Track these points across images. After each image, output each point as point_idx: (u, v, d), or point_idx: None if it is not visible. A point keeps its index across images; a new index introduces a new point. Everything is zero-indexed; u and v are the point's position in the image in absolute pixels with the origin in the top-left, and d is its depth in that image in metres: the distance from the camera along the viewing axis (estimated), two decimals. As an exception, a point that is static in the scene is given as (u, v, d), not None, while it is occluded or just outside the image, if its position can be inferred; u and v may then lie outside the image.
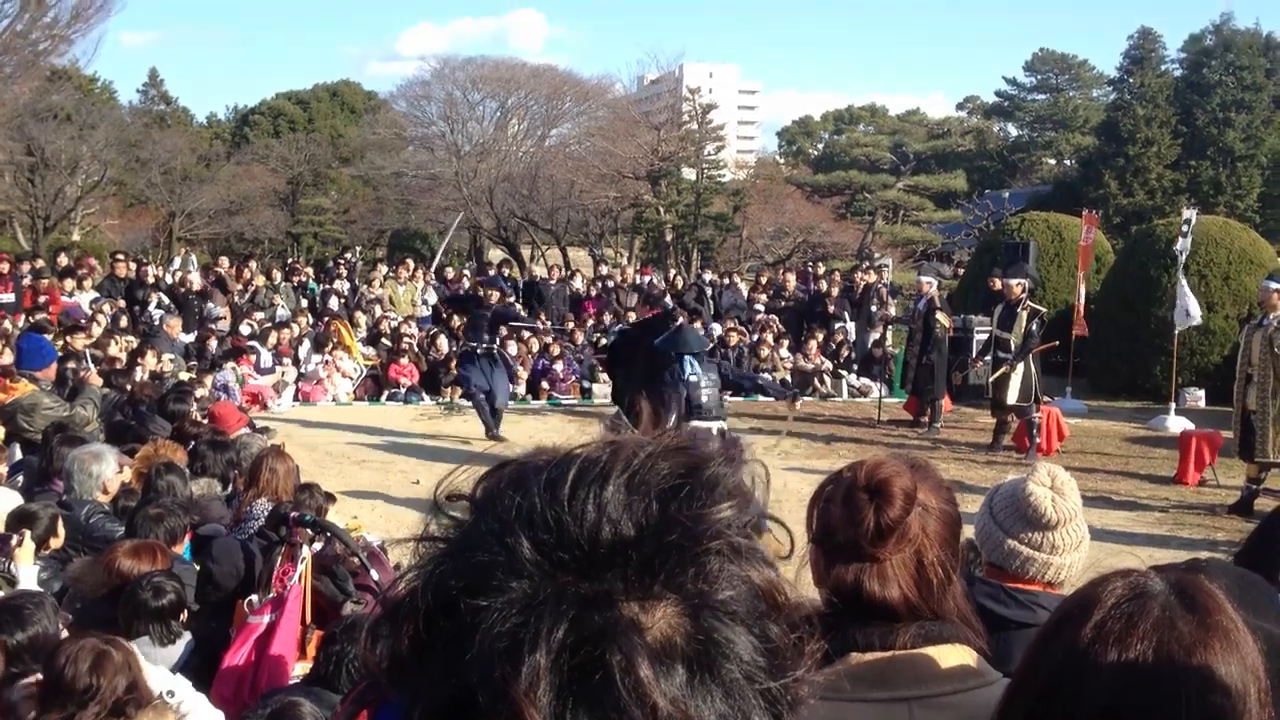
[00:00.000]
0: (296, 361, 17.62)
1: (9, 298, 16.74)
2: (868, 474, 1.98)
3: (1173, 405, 16.15)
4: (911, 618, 1.93)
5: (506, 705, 0.76)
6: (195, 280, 19.55)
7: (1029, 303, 14.25)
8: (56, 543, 5.62)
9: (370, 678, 0.91)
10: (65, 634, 4.12)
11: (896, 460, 2.04)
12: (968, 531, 2.53)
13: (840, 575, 1.95)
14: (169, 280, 19.84)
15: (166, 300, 18.19)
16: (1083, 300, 17.78)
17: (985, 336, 14.74)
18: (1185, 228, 15.69)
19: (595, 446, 0.89)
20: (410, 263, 23.48)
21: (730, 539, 0.84)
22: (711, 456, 0.89)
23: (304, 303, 20.39)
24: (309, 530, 4.89)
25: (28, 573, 5.14)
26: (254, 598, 4.83)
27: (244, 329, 17.71)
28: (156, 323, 16.78)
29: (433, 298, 21.40)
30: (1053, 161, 58.74)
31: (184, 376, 13.96)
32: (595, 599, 0.79)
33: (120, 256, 19.89)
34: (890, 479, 1.95)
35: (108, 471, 6.71)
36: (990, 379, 14.17)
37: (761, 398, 18.28)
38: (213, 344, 16.73)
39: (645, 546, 0.81)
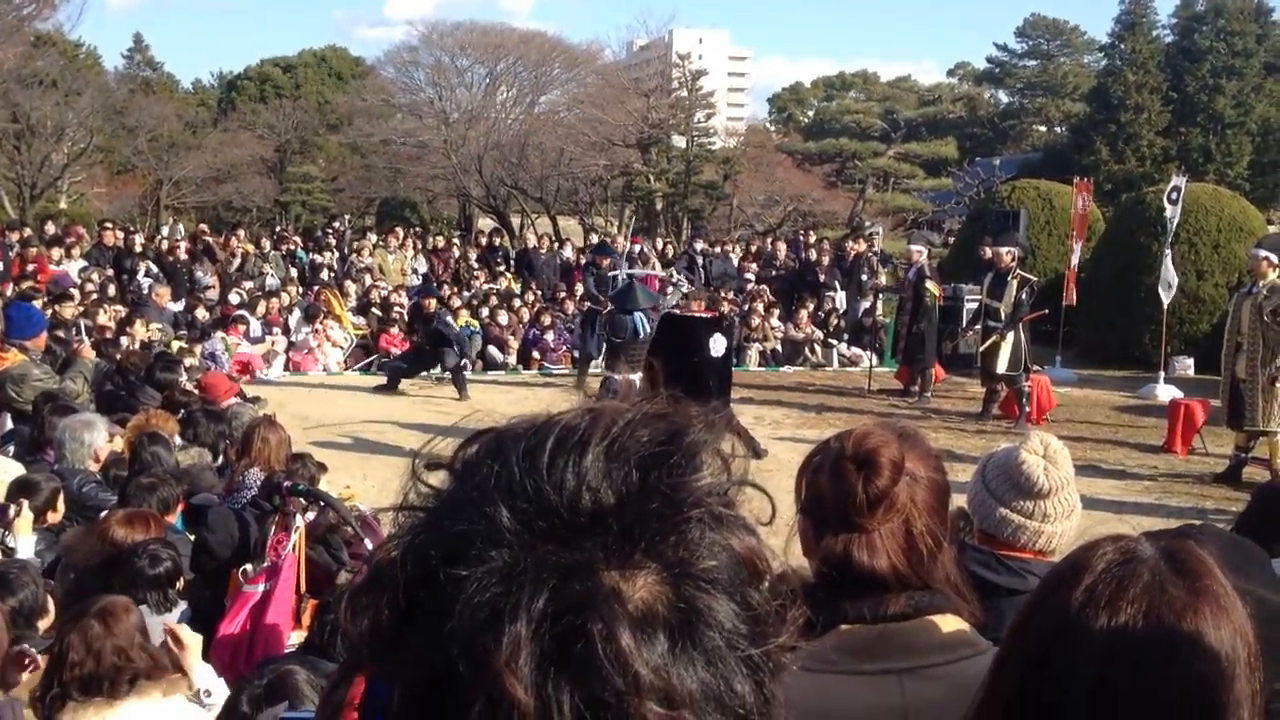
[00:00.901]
0: (286, 330, 17.57)
1: (-3, 266, 16.65)
2: (855, 443, 1.97)
3: (1162, 374, 16.21)
4: (901, 588, 1.93)
5: (487, 676, 0.75)
6: (183, 249, 19.46)
7: (1019, 271, 14.24)
8: (55, 517, 5.62)
9: (351, 649, 0.90)
10: (51, 603, 4.13)
11: (884, 429, 2.03)
12: (959, 500, 2.54)
13: (829, 546, 1.94)
14: (159, 248, 19.76)
15: (155, 269, 18.12)
16: (1074, 268, 17.79)
17: (975, 305, 14.76)
18: (1174, 195, 15.70)
19: (574, 414, 0.88)
20: (400, 231, 23.40)
21: (711, 507, 0.84)
22: (692, 423, 0.88)
23: (293, 271, 20.31)
24: (302, 499, 4.89)
25: (26, 544, 5.15)
26: (248, 567, 4.84)
27: (233, 298, 17.66)
28: (145, 291, 16.72)
29: (423, 265, 21.35)
30: (1043, 128, 58.73)
31: (174, 345, 13.93)
32: (575, 568, 0.78)
33: (108, 224, 19.79)
34: (878, 448, 1.94)
35: (99, 440, 6.70)
36: (980, 348, 14.19)
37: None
38: (201, 313, 16.66)
39: (626, 515, 0.81)
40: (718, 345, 11.44)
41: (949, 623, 1.94)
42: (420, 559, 0.82)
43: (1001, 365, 13.83)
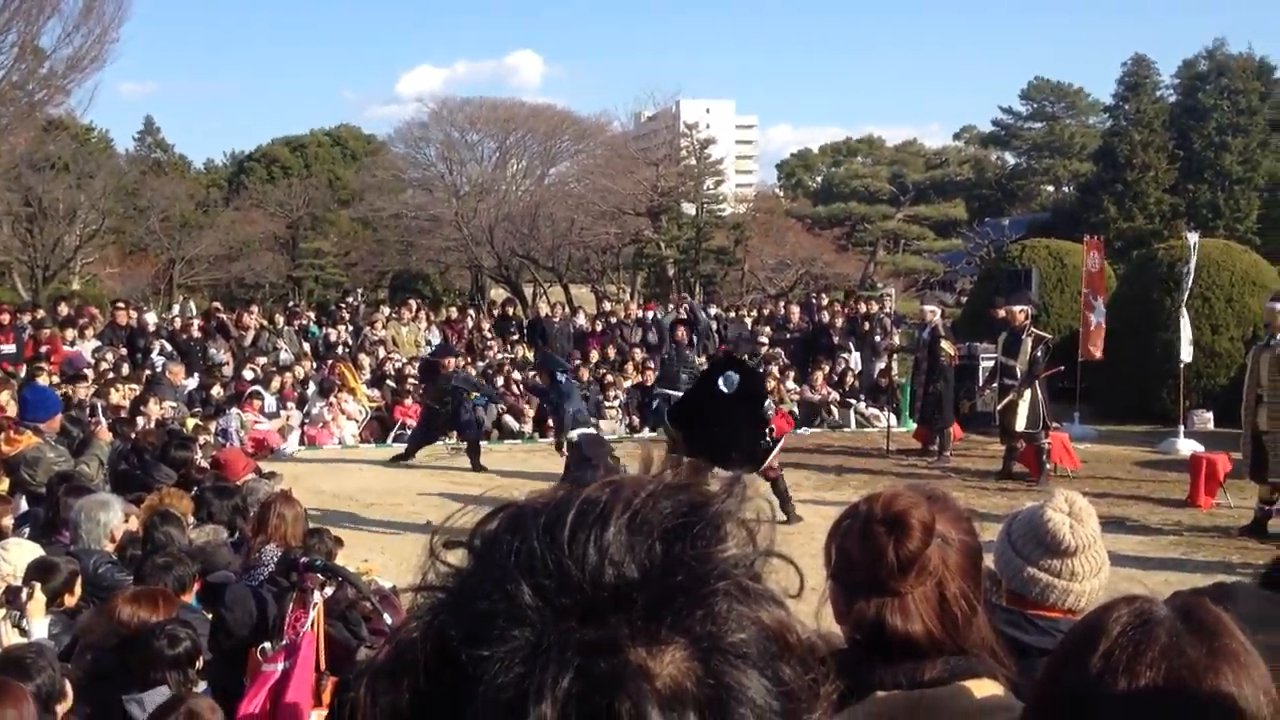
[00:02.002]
0: (301, 405, 17.60)
1: (10, 348, 16.73)
2: (884, 506, 1.95)
3: (1181, 428, 16.12)
4: (936, 652, 1.90)
5: None
6: (196, 326, 19.57)
7: (1033, 329, 14.24)
8: (72, 599, 5.56)
9: None
10: (69, 687, 4.07)
11: (913, 491, 2.02)
12: (987, 560, 2.50)
13: (861, 611, 1.92)
14: (172, 326, 19.87)
15: (168, 347, 18.20)
16: (1099, 324, 17.66)
17: (991, 364, 14.73)
18: (1191, 251, 15.78)
19: (595, 486, 0.86)
20: (413, 303, 23.51)
21: (738, 579, 0.82)
22: (715, 493, 0.86)
23: (306, 346, 20.39)
24: (320, 575, 4.83)
25: (39, 626, 5.09)
26: (267, 645, 4.77)
27: (247, 374, 17.70)
28: (159, 369, 16.77)
29: (436, 337, 21.41)
30: (1051, 188, 59.05)
31: (190, 423, 13.93)
32: (601, 645, 0.76)
33: (121, 304, 19.91)
34: (907, 510, 1.92)
35: (114, 520, 6.66)
36: (998, 406, 14.14)
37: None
38: (216, 389, 16.70)
39: (650, 589, 0.79)
40: (729, 381, 11.31)
41: (985, 687, 1.91)
42: (441, 640, 0.80)
43: (1020, 423, 13.78)
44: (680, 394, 13.62)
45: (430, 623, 0.82)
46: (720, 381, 11.26)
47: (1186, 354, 15.58)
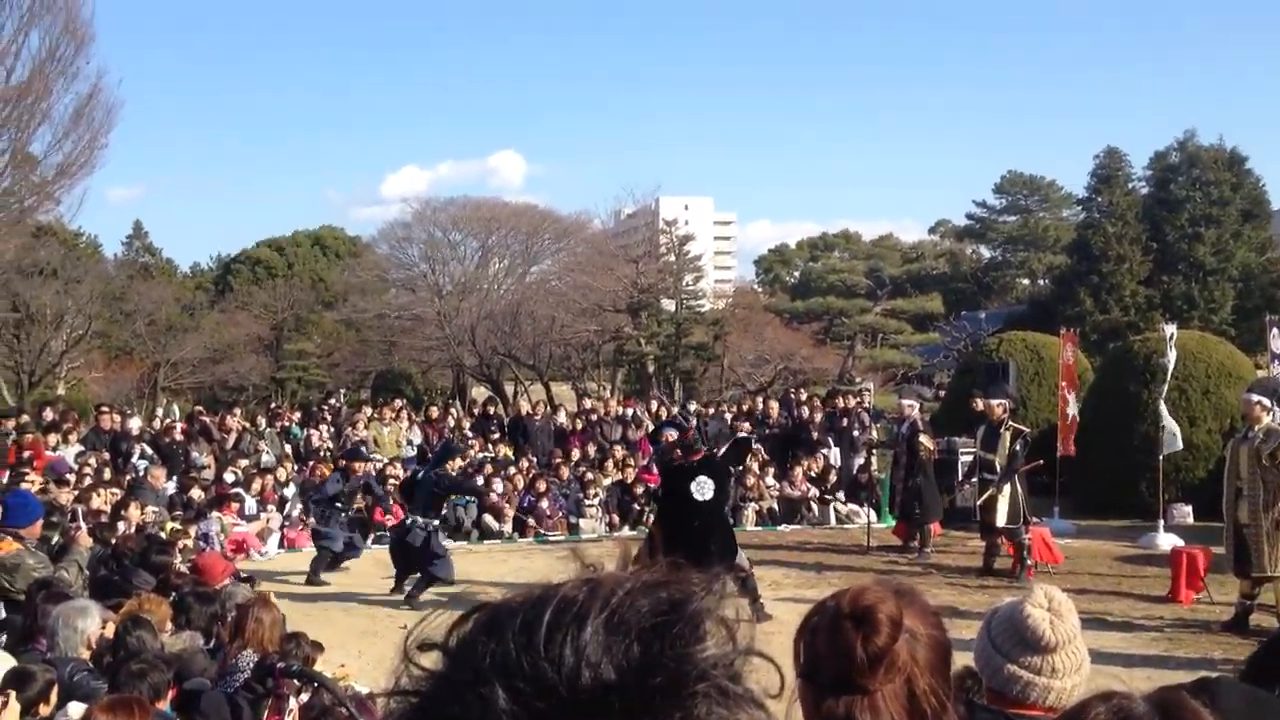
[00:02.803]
0: (281, 507, 17.50)
1: (-8, 454, 16.65)
2: (851, 601, 1.95)
3: (1161, 522, 16.11)
4: None
5: None
6: (179, 430, 19.52)
7: (1011, 423, 14.30)
8: (47, 709, 5.51)
9: None
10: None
11: (880, 586, 2.01)
12: (964, 658, 2.51)
13: (831, 710, 1.90)
14: (155, 430, 19.82)
15: (150, 451, 18.13)
16: (1074, 418, 17.80)
17: (970, 458, 14.77)
18: (1170, 343, 15.92)
19: (572, 585, 0.83)
20: (395, 403, 23.49)
21: (717, 680, 0.79)
22: (694, 591, 0.83)
23: (288, 448, 20.33)
24: (296, 681, 4.82)
25: (12, 736, 5.05)
26: (242, 754, 4.75)
27: (228, 476, 17.61)
28: (141, 473, 16.70)
29: (417, 437, 21.37)
30: (1026, 281, 59.57)
31: (170, 527, 13.85)
32: None
33: (105, 409, 19.86)
34: (874, 605, 1.92)
35: (92, 627, 6.62)
36: (978, 501, 14.15)
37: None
38: (197, 493, 16.61)
39: (628, 691, 0.76)
40: (702, 489, 11.35)
41: None
42: None
43: (1000, 518, 13.76)
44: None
45: None
46: (694, 489, 11.34)
47: (1173, 444, 15.59)
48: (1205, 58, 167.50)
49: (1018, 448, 13.91)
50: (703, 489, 11.36)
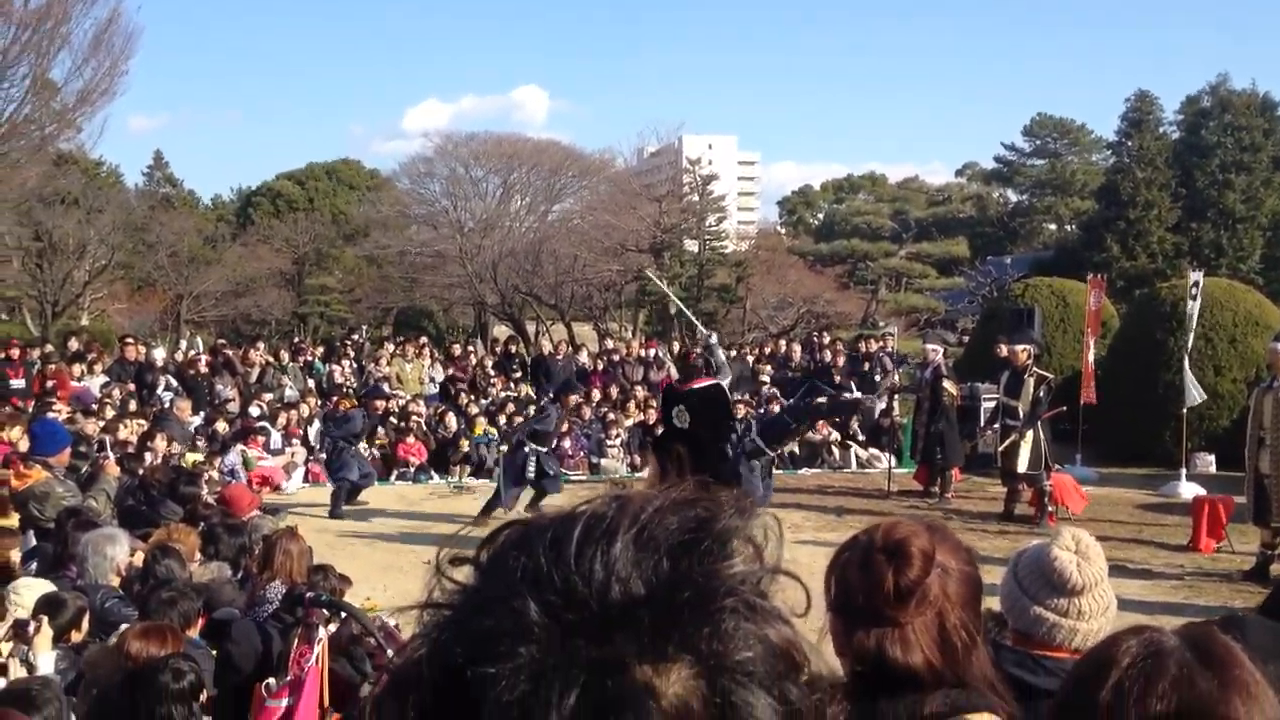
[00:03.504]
0: (306, 442, 17.61)
1: (20, 383, 16.79)
2: (884, 535, 1.96)
3: (1183, 470, 16.07)
4: (936, 684, 1.89)
5: None
6: (203, 362, 19.62)
7: (1035, 369, 14.23)
8: (78, 635, 5.59)
9: None
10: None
11: (913, 521, 2.03)
12: (991, 599, 2.50)
13: (861, 642, 1.91)
14: (179, 362, 19.95)
15: (175, 383, 18.24)
16: (1091, 366, 17.75)
17: (993, 404, 14.72)
18: (1194, 290, 15.75)
19: (601, 502, 0.85)
20: (418, 340, 23.54)
21: (745, 596, 0.81)
22: (723, 509, 0.85)
23: (311, 383, 20.42)
24: (325, 611, 4.87)
25: (46, 660, 5.12)
26: (271, 681, 4.80)
27: (253, 410, 17.73)
28: (166, 405, 16.82)
29: (440, 374, 21.43)
30: (1053, 227, 59.15)
31: (194, 458, 13.97)
32: (607, 663, 0.75)
33: (129, 340, 19.97)
34: (907, 539, 1.93)
35: (121, 554, 6.70)
36: (1000, 448, 14.12)
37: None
38: (222, 426, 16.72)
39: (657, 606, 0.78)
40: (680, 417, 11.50)
41: None
42: (445, 657, 0.80)
43: (1022, 464, 13.75)
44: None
45: (436, 640, 0.82)
46: (674, 417, 11.47)
47: (1193, 398, 15.51)
48: (1240, 2, 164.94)
49: (1041, 394, 13.85)
50: (680, 417, 11.48)
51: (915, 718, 1.87)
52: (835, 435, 19.53)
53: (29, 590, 5.85)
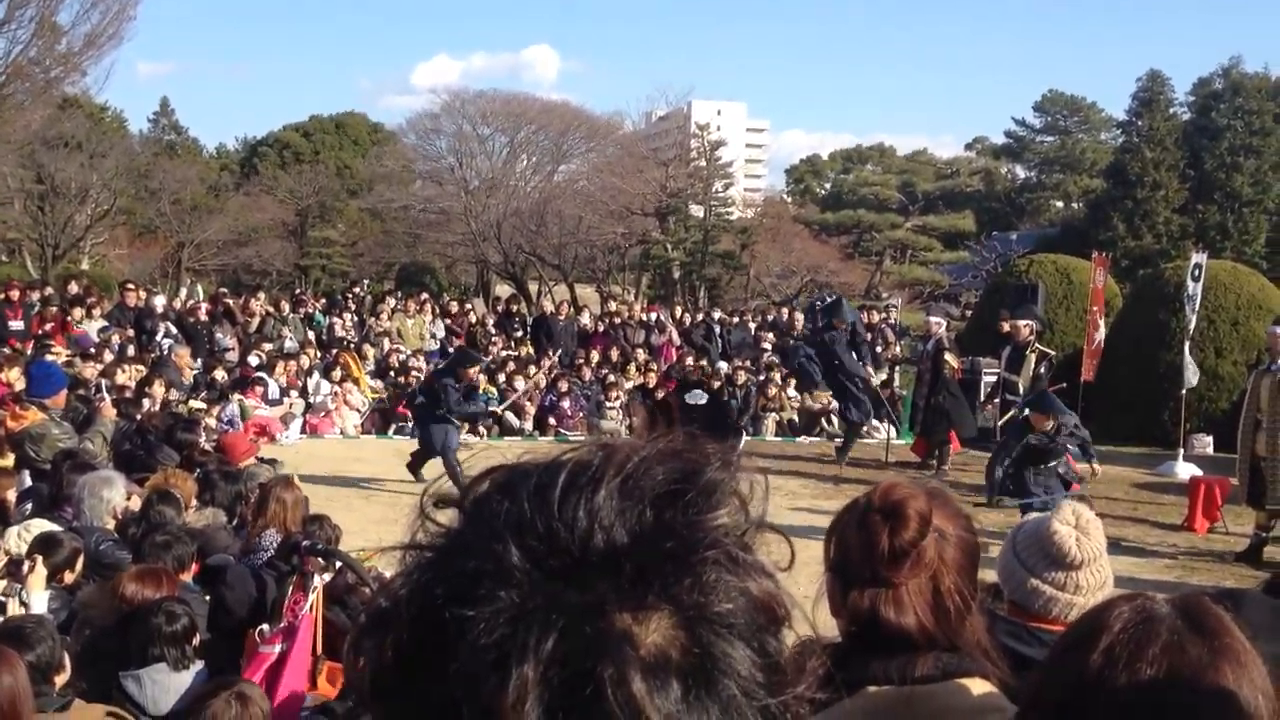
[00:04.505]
0: (304, 393, 17.62)
1: (19, 325, 16.79)
2: (881, 496, 1.95)
3: (1181, 451, 16.08)
4: (929, 647, 1.89)
5: (493, 719, 0.73)
6: (203, 310, 19.60)
7: (1037, 345, 14.22)
8: (71, 576, 5.60)
9: (355, 693, 0.87)
10: (68, 660, 4.10)
11: (912, 483, 2.02)
12: (988, 572, 2.49)
13: (856, 602, 1.91)
14: (179, 309, 19.93)
15: (175, 330, 18.23)
16: (1100, 344, 17.66)
17: (994, 379, 14.71)
18: (1196, 271, 15.71)
19: (587, 450, 0.85)
20: (421, 296, 23.54)
21: (728, 548, 0.80)
22: (709, 461, 0.84)
23: (311, 335, 20.41)
24: (320, 560, 4.87)
25: (39, 599, 5.13)
26: (265, 627, 4.81)
27: (252, 360, 17.72)
28: (165, 352, 16.81)
29: (440, 330, 21.43)
30: (1060, 204, 59.00)
31: (192, 406, 13.97)
32: (586, 609, 0.75)
33: (130, 285, 19.94)
34: (904, 500, 1.92)
35: (117, 497, 6.70)
36: (999, 422, 14.12)
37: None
38: (220, 374, 16.72)
39: (639, 555, 0.78)
40: (695, 396, 11.68)
41: (978, 686, 1.90)
42: (425, 598, 0.80)
43: (1020, 439, 13.74)
44: None
45: (416, 580, 0.81)
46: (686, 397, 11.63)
47: (1189, 380, 15.50)
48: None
49: (1042, 370, 13.86)
50: (695, 397, 11.69)
51: (906, 679, 1.87)
52: (834, 405, 19.53)
53: (31, 530, 5.86)
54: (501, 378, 18.56)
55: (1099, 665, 1.40)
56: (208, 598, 5.52)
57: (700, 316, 24.98)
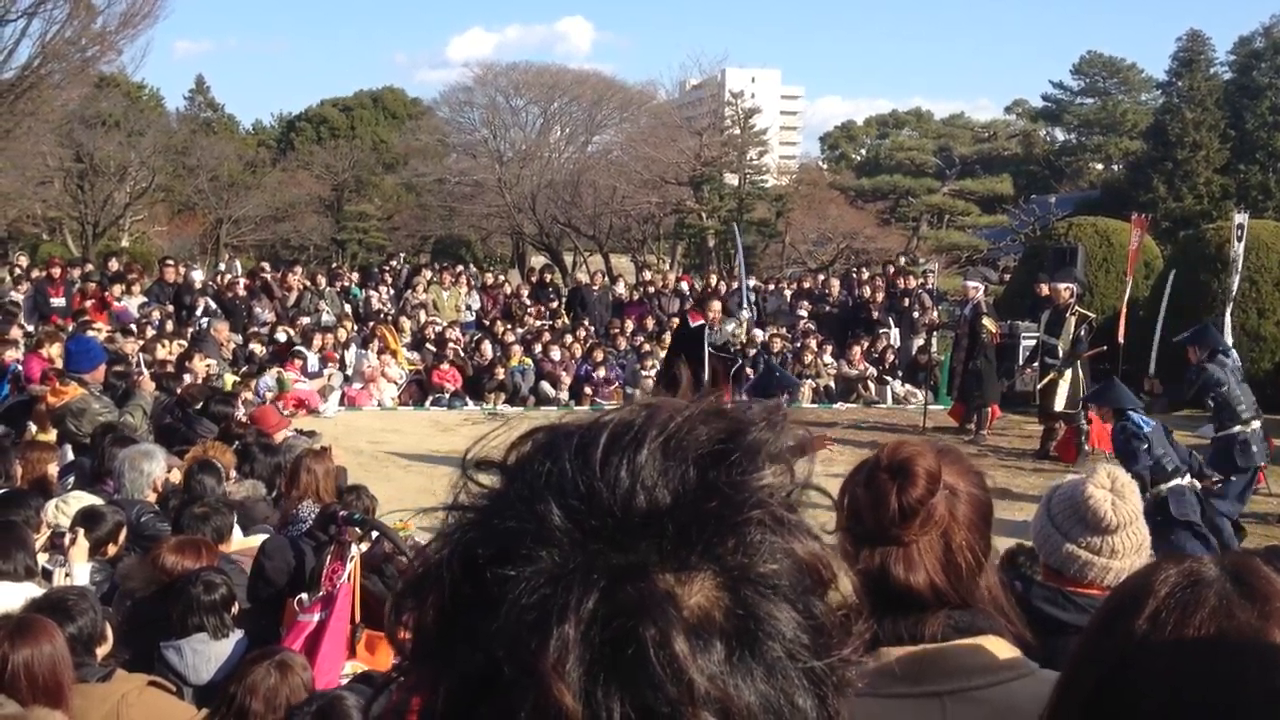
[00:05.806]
0: (342, 366, 17.73)
1: (60, 302, 16.97)
2: (889, 454, 1.94)
3: (1223, 413, 15.89)
4: (940, 605, 1.88)
5: (533, 679, 0.72)
6: (241, 286, 19.75)
7: (1077, 308, 14.09)
8: (114, 549, 5.66)
9: (397, 652, 0.87)
10: (110, 631, 4.15)
11: (921, 441, 2.00)
12: (1012, 540, 2.46)
13: (867, 560, 1.89)
14: (218, 284, 20.09)
15: (214, 305, 18.38)
16: (1125, 306, 17.49)
17: (1033, 343, 14.58)
18: (1240, 232, 15.49)
19: (630, 410, 0.84)
20: (455, 268, 23.60)
21: (773, 509, 0.80)
22: (753, 420, 0.84)
23: (348, 308, 20.53)
24: (358, 529, 4.90)
25: (81, 571, 5.19)
26: (304, 596, 4.85)
27: (280, 335, 17.82)
28: (204, 326, 16.95)
29: (476, 302, 21.50)
30: (1100, 166, 58.32)
31: (231, 380, 14.09)
32: (628, 570, 0.75)
33: (169, 261, 20.11)
34: (912, 458, 1.91)
35: (158, 470, 6.76)
36: (1038, 386, 14.01)
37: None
38: (257, 348, 16.84)
39: (682, 515, 0.77)
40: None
41: (992, 643, 1.89)
42: (468, 558, 0.80)
43: (1059, 403, 13.67)
44: None
45: (458, 540, 0.81)
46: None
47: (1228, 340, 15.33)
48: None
49: (1082, 333, 13.74)
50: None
51: (918, 637, 1.86)
52: (871, 371, 19.46)
53: (77, 502, 5.92)
54: (538, 348, 18.60)
55: (1144, 631, 1.36)
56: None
57: (735, 284, 24.88)
